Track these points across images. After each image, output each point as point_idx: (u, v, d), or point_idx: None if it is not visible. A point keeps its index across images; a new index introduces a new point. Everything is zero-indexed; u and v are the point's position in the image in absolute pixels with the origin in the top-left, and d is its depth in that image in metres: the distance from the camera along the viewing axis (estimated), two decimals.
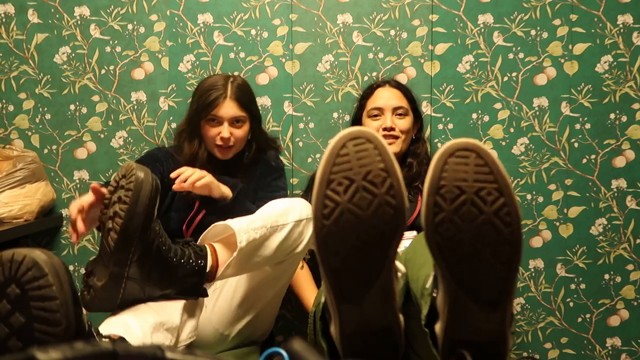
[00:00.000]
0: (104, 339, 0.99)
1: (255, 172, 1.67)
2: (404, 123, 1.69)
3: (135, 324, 1.06)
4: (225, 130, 1.57)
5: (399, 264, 0.94)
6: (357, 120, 1.78)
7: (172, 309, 1.16)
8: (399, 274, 0.91)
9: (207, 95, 1.57)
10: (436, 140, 1.88)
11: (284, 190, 1.66)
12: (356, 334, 0.84)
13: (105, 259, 1.10)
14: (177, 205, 1.60)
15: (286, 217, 1.28)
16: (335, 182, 0.78)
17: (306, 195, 1.75)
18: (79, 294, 1.10)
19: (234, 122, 1.59)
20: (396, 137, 1.68)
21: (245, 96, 1.61)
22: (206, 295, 1.24)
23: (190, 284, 1.18)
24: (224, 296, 1.41)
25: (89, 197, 1.16)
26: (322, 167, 0.79)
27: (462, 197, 0.76)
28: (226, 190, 1.50)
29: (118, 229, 1.06)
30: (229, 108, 1.57)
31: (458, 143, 0.78)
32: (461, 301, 0.80)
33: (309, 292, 1.70)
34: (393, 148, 1.68)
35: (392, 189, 0.79)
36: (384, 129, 1.67)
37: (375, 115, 1.71)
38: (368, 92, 1.76)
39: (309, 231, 1.32)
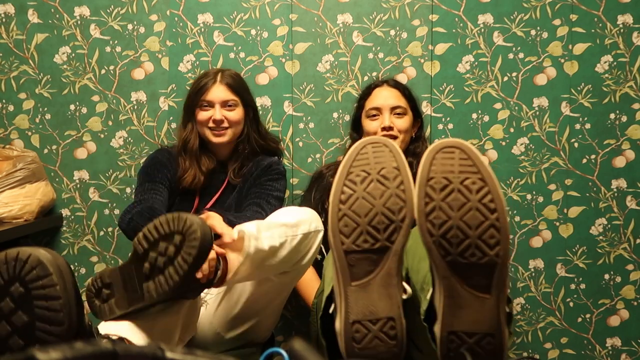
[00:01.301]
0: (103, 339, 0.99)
1: (253, 173, 1.65)
2: (403, 122, 1.69)
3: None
4: (217, 112, 1.59)
5: (405, 285, 0.97)
6: (356, 121, 1.78)
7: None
8: (404, 296, 0.94)
9: (198, 83, 1.64)
10: (436, 140, 1.88)
11: (279, 192, 1.63)
12: (360, 322, 0.89)
13: (131, 294, 1.07)
14: (177, 207, 1.61)
15: (296, 229, 1.28)
16: (353, 173, 0.91)
17: (309, 194, 1.74)
18: (87, 297, 1.11)
19: (226, 105, 1.61)
20: (395, 137, 1.67)
21: (236, 82, 1.65)
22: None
23: (197, 289, 1.18)
24: (227, 301, 1.41)
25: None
26: (344, 162, 0.92)
27: (450, 187, 0.86)
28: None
29: (172, 285, 1.03)
30: (219, 92, 1.61)
31: (444, 141, 0.89)
32: (455, 289, 0.86)
33: (315, 288, 1.69)
34: None
35: (403, 184, 0.90)
36: (383, 129, 1.67)
37: (374, 115, 1.70)
38: (366, 92, 1.76)
39: (316, 243, 1.33)
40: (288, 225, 1.26)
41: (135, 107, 1.89)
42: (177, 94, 1.88)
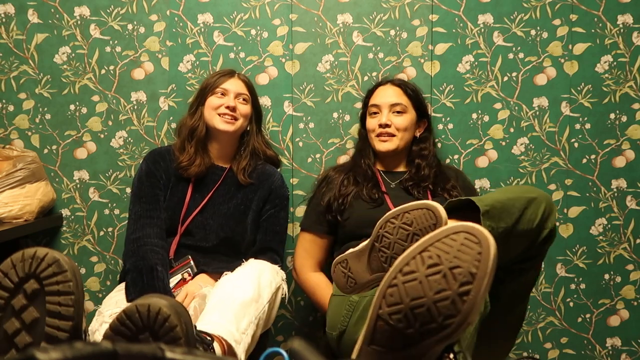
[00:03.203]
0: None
1: (257, 186, 1.68)
2: (401, 120, 1.68)
3: None
4: (231, 100, 1.64)
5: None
6: (362, 119, 1.79)
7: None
8: None
9: (215, 75, 1.69)
10: (436, 140, 1.88)
11: (285, 222, 1.71)
12: None
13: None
14: (167, 203, 1.62)
15: (262, 300, 1.33)
16: (429, 253, 0.83)
17: (316, 199, 1.72)
18: None
19: (239, 97, 1.66)
20: (392, 135, 1.67)
21: (250, 83, 1.73)
22: None
23: None
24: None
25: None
26: (431, 235, 0.85)
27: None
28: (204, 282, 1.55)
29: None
30: (236, 84, 1.67)
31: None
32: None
33: (327, 293, 1.64)
34: (388, 145, 1.68)
35: (467, 295, 0.79)
36: (380, 126, 1.68)
37: (374, 113, 1.71)
38: (371, 90, 1.77)
39: (279, 298, 1.44)
40: (253, 299, 1.30)
41: (135, 107, 1.89)
42: (177, 94, 1.88)
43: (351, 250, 1.19)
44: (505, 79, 1.88)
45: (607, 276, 1.88)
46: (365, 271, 1.15)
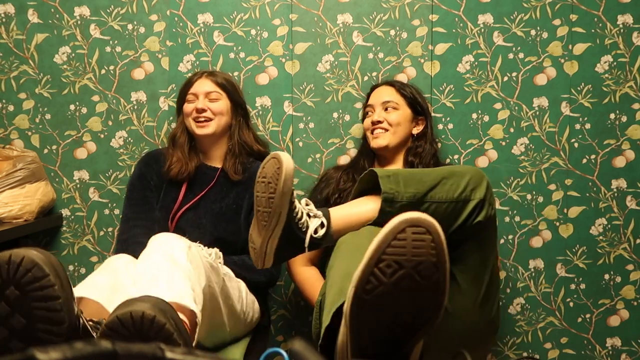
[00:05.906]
0: (89, 323, 0.97)
1: (249, 185, 1.65)
2: (393, 116, 1.70)
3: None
4: (200, 102, 1.64)
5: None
6: (364, 121, 1.80)
7: None
8: None
9: (186, 80, 1.71)
10: (437, 140, 1.88)
11: None
12: None
13: None
14: (161, 203, 1.62)
15: (177, 259, 1.25)
16: (385, 262, 0.80)
17: (314, 193, 1.75)
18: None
19: (209, 97, 1.66)
20: (385, 130, 1.69)
21: (222, 79, 1.69)
22: None
23: None
24: None
25: None
26: (376, 244, 0.81)
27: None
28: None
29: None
30: (203, 84, 1.67)
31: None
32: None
33: (317, 287, 1.66)
34: (380, 141, 1.70)
35: (438, 285, 0.80)
36: (372, 123, 1.71)
37: (368, 113, 1.75)
38: (368, 93, 1.80)
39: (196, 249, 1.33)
40: (169, 262, 1.21)
41: (135, 107, 1.89)
42: (177, 94, 1.88)
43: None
44: (505, 79, 1.87)
45: (607, 276, 1.88)
46: (258, 235, 1.16)
